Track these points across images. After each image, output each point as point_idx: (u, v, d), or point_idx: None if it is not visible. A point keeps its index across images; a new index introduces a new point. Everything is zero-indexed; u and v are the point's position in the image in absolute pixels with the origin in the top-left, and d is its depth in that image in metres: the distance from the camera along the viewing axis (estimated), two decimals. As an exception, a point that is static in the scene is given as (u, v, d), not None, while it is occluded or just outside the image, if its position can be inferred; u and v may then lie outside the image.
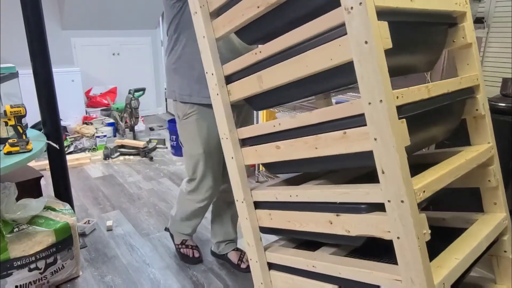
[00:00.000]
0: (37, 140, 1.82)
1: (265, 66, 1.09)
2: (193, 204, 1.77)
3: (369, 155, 0.90)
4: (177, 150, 3.70)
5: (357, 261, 1.06)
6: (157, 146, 3.92)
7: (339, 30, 0.90)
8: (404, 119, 0.88)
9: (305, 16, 0.98)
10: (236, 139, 1.22)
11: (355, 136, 0.93)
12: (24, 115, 1.70)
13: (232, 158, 1.21)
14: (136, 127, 4.17)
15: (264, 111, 2.79)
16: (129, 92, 4.05)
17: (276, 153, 1.13)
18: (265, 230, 1.26)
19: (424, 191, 0.91)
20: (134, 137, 4.06)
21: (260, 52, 1.09)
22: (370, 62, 0.83)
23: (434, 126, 1.11)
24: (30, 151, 1.68)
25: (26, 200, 1.76)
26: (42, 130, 1.98)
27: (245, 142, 1.23)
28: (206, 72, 1.20)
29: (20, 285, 1.66)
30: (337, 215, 1.02)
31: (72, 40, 4.56)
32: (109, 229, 2.33)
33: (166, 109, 5.58)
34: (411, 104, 0.94)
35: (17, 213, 1.69)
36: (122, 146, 3.73)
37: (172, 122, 3.71)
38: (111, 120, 4.35)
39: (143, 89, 4.14)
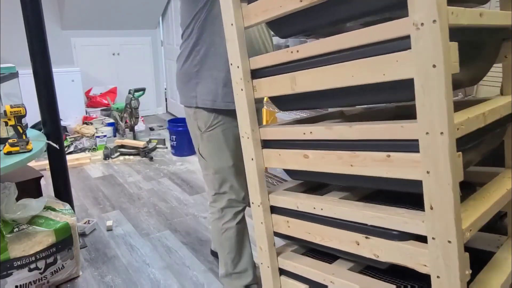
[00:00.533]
0: (37, 140, 1.82)
1: (301, 68, 0.99)
2: (232, 224, 1.54)
3: (414, 183, 0.82)
4: (177, 150, 3.70)
5: (380, 283, 1.00)
6: (157, 146, 3.92)
7: (398, 43, 0.78)
8: (461, 153, 0.78)
9: (355, 18, 0.89)
10: (258, 140, 1.12)
11: (400, 162, 0.83)
12: (24, 115, 1.70)
13: (252, 159, 1.13)
14: (136, 127, 4.17)
15: (264, 110, 2.79)
16: (129, 92, 4.05)
17: (303, 161, 1.04)
18: (280, 235, 1.19)
19: (470, 230, 0.84)
20: (134, 137, 4.06)
21: (298, 51, 0.98)
22: (436, 89, 0.73)
23: (478, 152, 1.03)
24: (30, 151, 1.68)
25: (26, 200, 1.76)
26: (42, 130, 1.98)
27: (267, 144, 1.13)
28: (231, 64, 1.09)
29: (20, 285, 1.66)
30: (366, 237, 0.95)
31: (72, 40, 4.56)
32: (109, 229, 2.33)
33: (166, 109, 5.58)
34: (469, 135, 0.84)
35: (17, 213, 1.69)
36: (122, 146, 3.73)
37: (172, 122, 3.71)
38: (111, 120, 4.34)
39: (143, 89, 4.14)
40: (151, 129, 4.64)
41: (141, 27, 4.98)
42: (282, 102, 1.14)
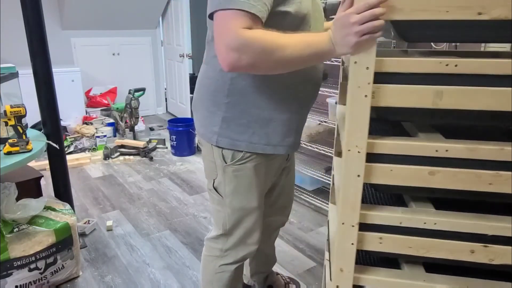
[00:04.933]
0: (37, 140, 1.82)
1: (452, 83, 0.89)
2: (231, 268, 1.34)
3: None
4: (177, 150, 3.70)
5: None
6: (157, 146, 3.92)
7: None
8: None
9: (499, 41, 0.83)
10: (365, 154, 1.01)
11: None
12: (24, 115, 1.70)
13: (359, 176, 1.00)
14: (136, 127, 4.17)
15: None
16: (129, 92, 4.05)
17: (426, 178, 0.95)
18: (363, 252, 1.13)
19: None
20: (134, 137, 4.06)
21: (456, 66, 0.87)
22: None
23: None
24: (30, 151, 1.68)
25: (26, 200, 1.76)
26: (42, 130, 1.98)
27: (373, 158, 1.01)
28: (355, 62, 0.88)
29: (20, 285, 1.66)
30: (485, 246, 0.93)
31: (72, 40, 4.56)
32: (109, 229, 2.33)
33: (166, 109, 5.58)
34: None
35: (17, 213, 1.69)
36: (122, 146, 3.73)
37: (172, 122, 3.71)
38: (111, 120, 4.34)
39: (143, 89, 4.14)
40: (151, 129, 4.64)
41: (141, 27, 4.98)
42: (409, 113, 1.01)
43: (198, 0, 6.43)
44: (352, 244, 1.07)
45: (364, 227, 1.07)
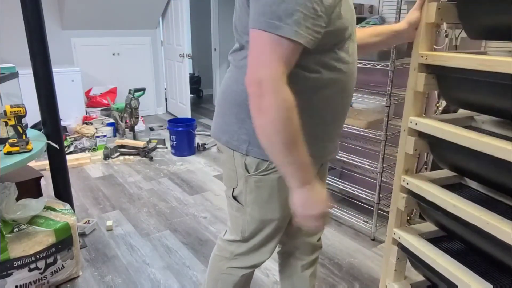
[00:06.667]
0: (37, 140, 1.82)
1: None
2: (239, 273, 1.26)
3: None
4: (177, 150, 3.70)
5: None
6: (157, 146, 3.92)
7: None
8: None
9: None
10: None
11: None
12: (24, 115, 1.70)
13: None
14: (136, 127, 4.17)
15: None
16: (129, 92, 4.05)
17: None
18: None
19: None
20: (134, 137, 4.06)
21: None
22: None
23: None
24: (30, 151, 1.68)
25: (26, 200, 1.76)
26: (42, 130, 1.98)
27: None
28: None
29: (20, 285, 1.66)
30: None
31: (72, 40, 4.56)
32: (109, 229, 2.33)
33: (166, 109, 5.58)
34: None
35: (17, 213, 1.69)
36: (122, 146, 3.73)
37: (172, 122, 3.71)
38: (111, 120, 4.34)
39: (143, 89, 4.14)
40: (151, 129, 4.64)
41: (141, 27, 4.98)
42: None
43: (198, 0, 6.43)
44: None
45: None
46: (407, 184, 1.22)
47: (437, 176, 1.25)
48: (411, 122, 1.17)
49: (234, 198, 1.19)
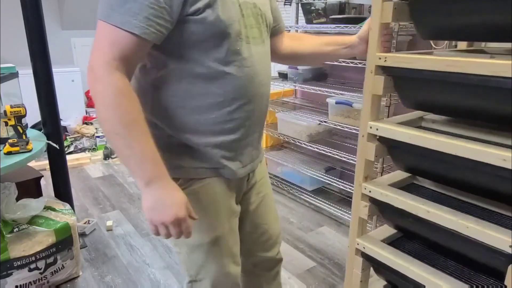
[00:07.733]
0: (37, 140, 1.82)
1: None
2: None
3: None
4: (177, 150, 3.69)
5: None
6: (157, 145, 3.91)
7: None
8: None
9: None
10: None
11: None
12: (24, 115, 1.70)
13: None
14: (136, 127, 4.17)
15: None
16: (129, 92, 4.05)
17: None
18: None
19: None
20: (134, 137, 4.05)
21: None
22: None
23: None
24: (30, 151, 1.68)
25: (26, 200, 1.76)
26: (42, 130, 1.98)
27: None
28: None
29: (20, 285, 1.66)
30: None
31: (72, 40, 4.56)
32: (109, 229, 2.33)
33: (166, 109, 5.58)
34: None
35: (17, 213, 1.69)
36: (122, 146, 3.72)
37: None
38: (111, 120, 4.34)
39: (143, 89, 4.14)
40: (151, 129, 4.64)
41: (141, 27, 4.98)
42: None
43: (198, 0, 6.42)
44: None
45: None
46: (370, 191, 1.15)
47: (394, 180, 1.22)
48: (371, 127, 1.10)
49: None
